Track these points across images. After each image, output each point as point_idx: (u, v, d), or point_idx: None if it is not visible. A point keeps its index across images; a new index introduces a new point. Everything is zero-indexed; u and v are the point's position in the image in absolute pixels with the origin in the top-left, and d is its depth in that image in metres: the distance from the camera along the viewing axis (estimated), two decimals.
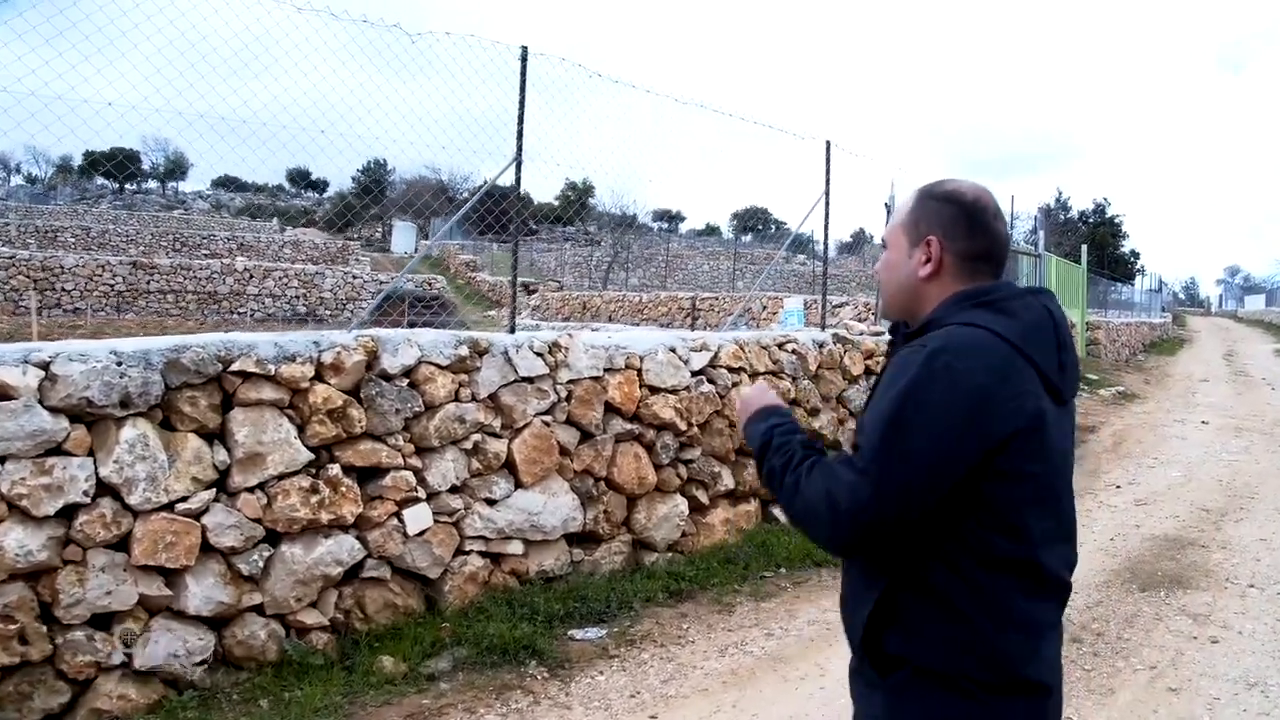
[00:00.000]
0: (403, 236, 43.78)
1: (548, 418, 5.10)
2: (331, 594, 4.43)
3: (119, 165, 31.18)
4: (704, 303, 21.03)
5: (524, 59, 5.23)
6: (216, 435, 4.15)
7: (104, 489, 3.78)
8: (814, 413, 6.88)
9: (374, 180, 40.53)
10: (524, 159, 5.21)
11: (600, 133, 5.99)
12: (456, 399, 4.78)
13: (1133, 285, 34.59)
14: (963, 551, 1.51)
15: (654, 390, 5.60)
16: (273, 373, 4.22)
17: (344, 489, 4.40)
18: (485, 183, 5.22)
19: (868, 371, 7.57)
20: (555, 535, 5.14)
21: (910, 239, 1.71)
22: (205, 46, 4.63)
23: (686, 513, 5.80)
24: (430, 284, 26.65)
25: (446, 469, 4.73)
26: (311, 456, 4.32)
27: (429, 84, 5.17)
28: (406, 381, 4.64)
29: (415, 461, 4.64)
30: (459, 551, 4.83)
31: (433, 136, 5.27)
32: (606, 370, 5.36)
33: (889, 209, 12.05)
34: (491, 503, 4.91)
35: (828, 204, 7.51)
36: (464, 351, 4.80)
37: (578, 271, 35.28)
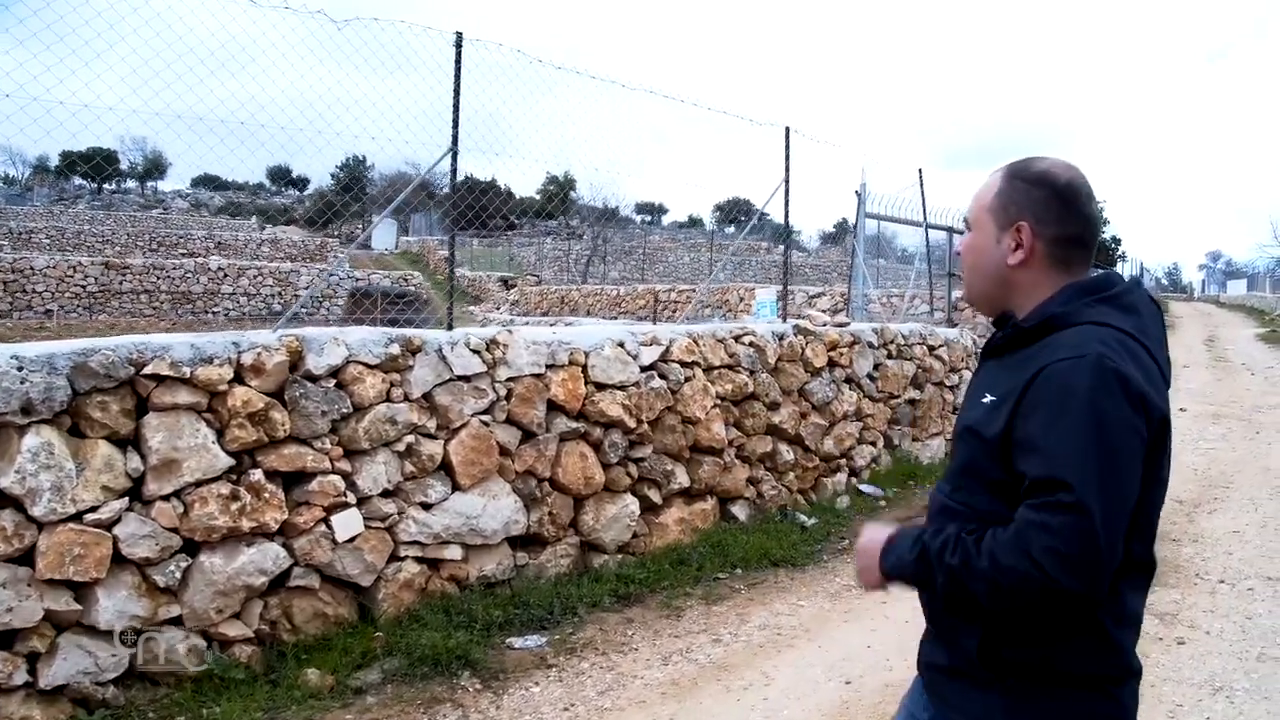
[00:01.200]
0: (383, 233, 43.49)
1: (486, 417, 4.92)
2: (256, 604, 4.25)
3: (96, 166, 30.80)
4: (681, 295, 20.85)
5: (458, 45, 5.03)
6: (130, 442, 3.96)
7: (5, 500, 3.59)
8: (774, 407, 6.70)
9: (353, 177, 40.20)
10: (465, 149, 5.02)
11: (549, 121, 5.77)
12: (388, 399, 4.59)
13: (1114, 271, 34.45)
14: None
15: (601, 387, 5.41)
16: (188, 375, 4.03)
17: (267, 495, 4.21)
18: (419, 176, 5.03)
19: (831, 364, 7.40)
20: (496, 539, 4.96)
21: (998, 223, 1.64)
22: (180, 46, 4.62)
23: (637, 513, 5.62)
24: (406, 280, 26.39)
25: (378, 472, 4.54)
26: (232, 462, 4.13)
27: (406, 80, 5.12)
28: (334, 382, 4.45)
29: (344, 465, 4.46)
30: (393, 558, 4.64)
31: (411, 134, 5.21)
32: (549, 367, 5.17)
33: (860, 197, 11.91)
34: (427, 506, 4.73)
35: (787, 190, 7.34)
36: (395, 350, 4.61)
37: (558, 265, 35.04)
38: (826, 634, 4.71)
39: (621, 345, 5.55)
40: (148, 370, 3.94)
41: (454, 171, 5.06)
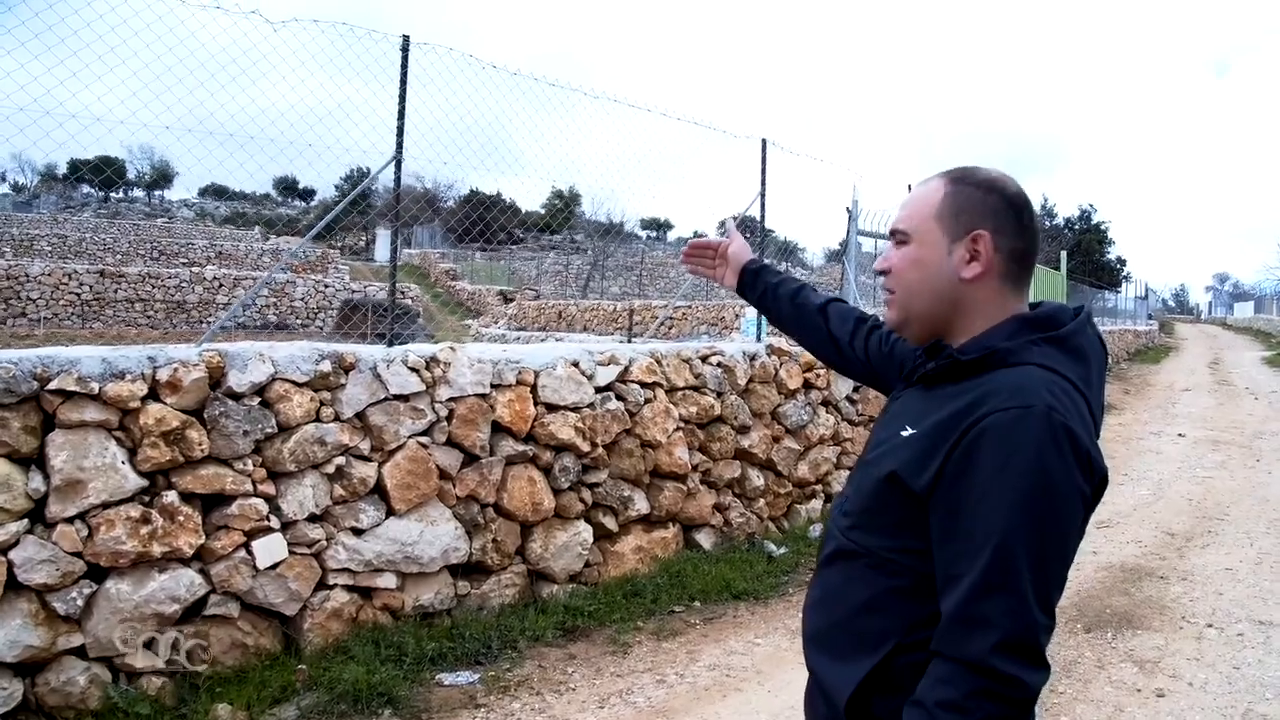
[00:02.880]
0: (386, 244, 43.39)
1: (425, 439, 4.67)
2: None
3: (97, 170, 30.77)
4: (677, 312, 20.60)
5: (405, 49, 4.81)
6: (35, 460, 3.73)
7: None
8: (743, 430, 6.43)
9: (356, 188, 40.11)
10: (405, 157, 4.78)
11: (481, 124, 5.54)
12: (317, 419, 4.35)
13: (1119, 292, 34.17)
14: None
15: (552, 408, 5.16)
16: (97, 391, 3.80)
17: (182, 518, 3.97)
18: (359, 187, 4.81)
19: (807, 385, 7.13)
20: (435, 567, 4.70)
21: (949, 233, 1.45)
22: (184, 53, 4.55)
23: (591, 541, 5.34)
24: (402, 293, 26.22)
25: (305, 495, 4.30)
26: (144, 483, 3.89)
27: (415, 93, 5.10)
28: (258, 400, 4.22)
29: (268, 488, 4.21)
30: (321, 585, 4.39)
31: (420, 148, 5.23)
32: (495, 386, 4.92)
33: (851, 214, 11.67)
34: (359, 532, 4.48)
35: (763, 202, 7.10)
36: (326, 367, 4.37)
37: (558, 280, 34.85)
38: (779, 676, 4.42)
39: (576, 365, 5.29)
40: (53, 385, 3.72)
41: (397, 180, 4.83)
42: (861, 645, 1.39)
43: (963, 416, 1.30)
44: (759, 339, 7.39)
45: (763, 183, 7.08)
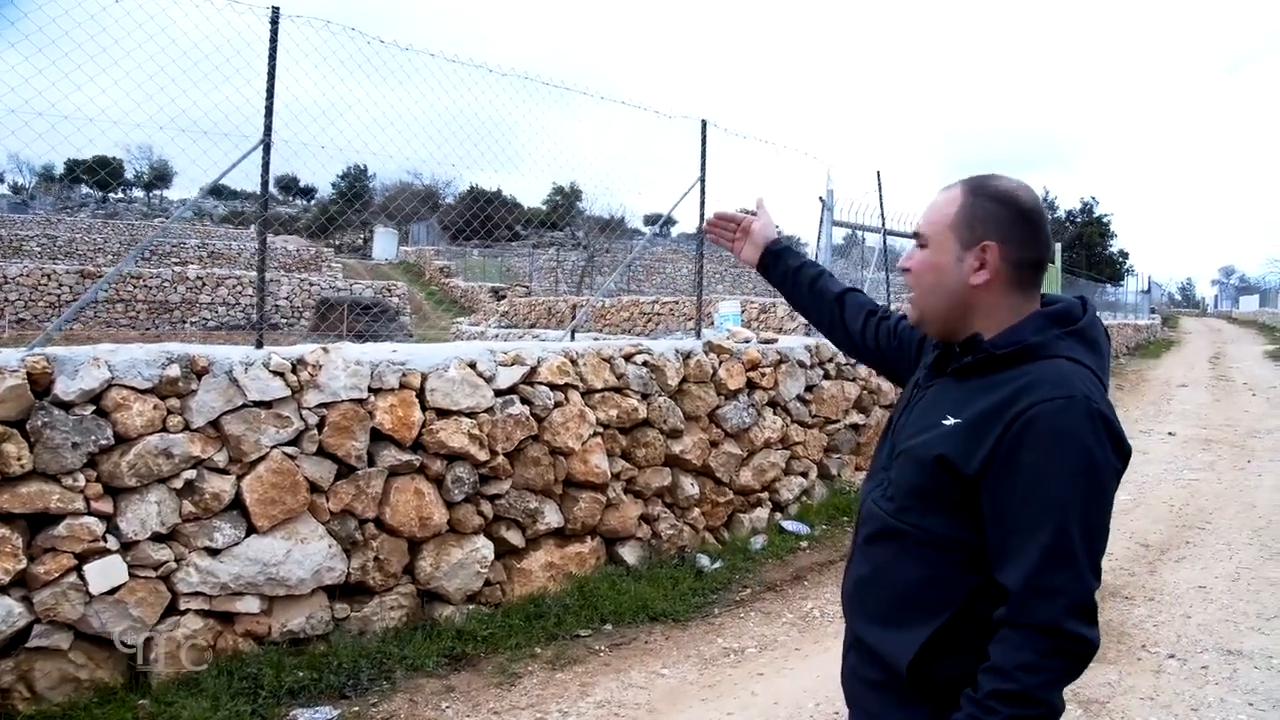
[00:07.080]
0: (384, 242, 43.10)
1: (291, 449, 4.25)
2: None
3: (93, 170, 30.52)
4: (664, 307, 20.15)
5: (274, 21, 4.39)
6: None
7: None
8: (675, 435, 5.99)
9: (354, 186, 39.92)
10: (274, 142, 4.36)
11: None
12: (164, 429, 3.95)
13: (1120, 286, 33.54)
14: None
15: (443, 413, 4.73)
16: None
17: None
18: (223, 172, 4.40)
19: (749, 385, 6.69)
20: (306, 589, 4.29)
21: (962, 241, 1.59)
22: (190, 48, 4.47)
23: (491, 558, 4.91)
24: (390, 290, 25.86)
25: (148, 513, 3.89)
26: None
27: (412, 88, 5.22)
28: (92, 409, 3.81)
29: (104, 505, 3.81)
30: (171, 611, 3.99)
31: (421, 144, 5.43)
32: (375, 391, 4.50)
33: (824, 203, 11.21)
34: (214, 552, 4.07)
35: (703, 189, 6.64)
36: (174, 372, 3.96)
37: (553, 276, 34.40)
38: (673, 717, 3.98)
39: (473, 366, 4.86)
40: None
41: (266, 165, 4.41)
42: (920, 614, 1.51)
43: (1008, 405, 1.44)
44: (698, 335, 6.94)
45: (702, 168, 6.64)
